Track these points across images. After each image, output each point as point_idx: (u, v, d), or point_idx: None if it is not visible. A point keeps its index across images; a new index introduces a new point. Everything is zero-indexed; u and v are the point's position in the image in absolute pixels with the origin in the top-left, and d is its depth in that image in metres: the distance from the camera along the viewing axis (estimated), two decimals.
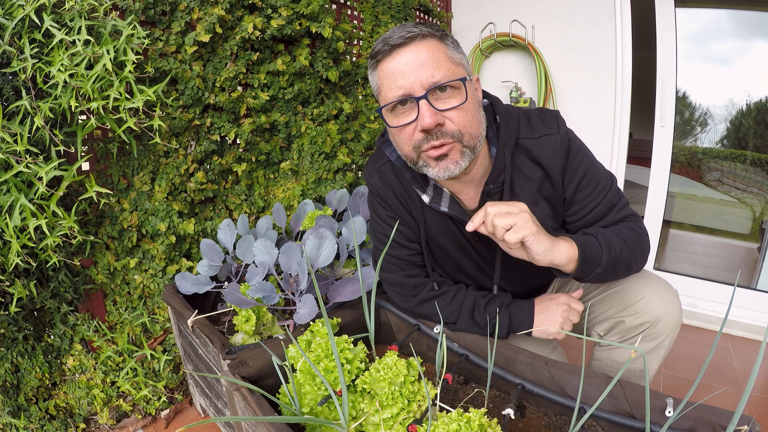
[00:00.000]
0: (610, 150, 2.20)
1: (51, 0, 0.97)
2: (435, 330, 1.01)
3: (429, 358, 1.03)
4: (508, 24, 2.33)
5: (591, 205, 0.94)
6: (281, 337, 0.98)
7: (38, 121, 0.99)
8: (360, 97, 1.89)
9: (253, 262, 1.18)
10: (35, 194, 1.02)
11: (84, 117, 1.15)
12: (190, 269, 1.42)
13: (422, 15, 2.27)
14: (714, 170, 2.52)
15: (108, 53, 1.02)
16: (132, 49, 1.07)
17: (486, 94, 0.97)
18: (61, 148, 1.06)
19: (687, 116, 2.38)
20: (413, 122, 0.84)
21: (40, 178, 1.01)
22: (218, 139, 1.48)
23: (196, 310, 1.12)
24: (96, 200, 1.15)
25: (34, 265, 1.08)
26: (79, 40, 1.00)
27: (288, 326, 1.13)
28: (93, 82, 1.02)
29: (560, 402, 0.81)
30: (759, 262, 2.11)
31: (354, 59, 1.85)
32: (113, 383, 1.31)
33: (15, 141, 0.97)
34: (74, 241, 1.09)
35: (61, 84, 0.99)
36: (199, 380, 1.23)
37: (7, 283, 1.07)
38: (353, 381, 0.80)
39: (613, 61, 2.12)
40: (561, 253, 0.84)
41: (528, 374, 0.86)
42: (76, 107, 1.03)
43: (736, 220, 2.57)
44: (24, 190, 1.01)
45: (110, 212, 1.29)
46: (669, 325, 0.93)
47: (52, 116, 1.05)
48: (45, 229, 1.02)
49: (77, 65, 1.00)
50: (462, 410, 0.68)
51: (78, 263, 1.18)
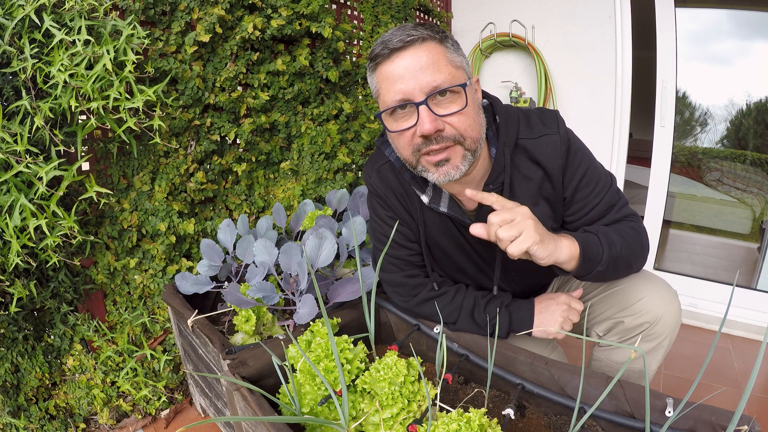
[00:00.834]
0: (610, 150, 2.20)
1: (51, 0, 0.97)
2: (435, 330, 1.01)
3: (429, 358, 1.03)
4: (508, 24, 2.33)
5: (591, 205, 0.94)
6: (281, 337, 0.98)
7: (38, 121, 0.99)
8: (360, 97, 1.89)
9: (253, 262, 1.18)
10: (35, 194, 1.02)
11: (84, 117, 1.15)
12: (190, 269, 1.42)
13: (422, 15, 2.27)
14: (714, 170, 2.52)
15: (108, 53, 1.02)
16: (132, 49, 1.07)
17: (485, 95, 0.97)
18: (61, 148, 1.06)
19: (687, 116, 2.38)
20: (413, 127, 0.83)
21: (40, 178, 1.01)
22: (218, 139, 1.48)
23: (196, 310, 1.12)
24: (96, 200, 1.15)
25: (34, 265, 1.08)
26: (79, 40, 1.00)
27: (288, 326, 1.13)
28: (93, 82, 1.02)
29: (560, 402, 0.81)
30: (759, 262, 2.11)
31: (354, 59, 1.84)
32: (113, 383, 1.31)
33: (15, 141, 0.97)
34: (74, 241, 1.09)
35: (61, 84, 0.99)
36: (199, 380, 1.23)
37: (7, 283, 1.07)
38: (353, 381, 0.80)
39: (613, 61, 2.12)
40: (563, 252, 0.84)
41: (528, 374, 0.86)
42: (76, 107, 1.03)
43: (736, 220, 2.57)
44: (24, 190, 1.01)
45: (110, 212, 1.29)
46: (668, 326, 0.93)
47: (52, 116, 1.05)
48: (45, 229, 1.02)
49: (77, 65, 1.00)
50: (462, 410, 0.68)
51: (78, 263, 1.18)
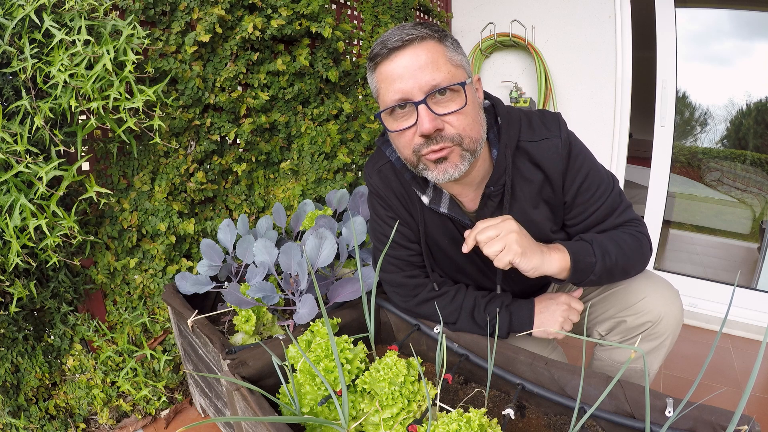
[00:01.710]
0: (610, 150, 2.20)
1: (51, 0, 0.98)
2: (435, 330, 1.01)
3: (429, 358, 1.03)
4: (508, 24, 2.33)
5: (591, 209, 0.94)
6: (281, 337, 0.98)
7: (38, 121, 0.99)
8: (360, 97, 1.89)
9: (253, 262, 1.18)
10: (35, 194, 1.02)
11: (84, 117, 1.15)
12: (190, 269, 1.42)
13: (422, 15, 2.27)
14: (714, 170, 2.52)
15: (108, 53, 1.02)
16: (132, 49, 1.07)
17: (487, 95, 0.96)
18: (61, 148, 1.06)
19: (687, 116, 2.38)
20: (412, 126, 0.83)
21: (40, 178, 1.01)
22: (218, 139, 1.48)
23: (196, 310, 1.12)
24: (96, 200, 1.15)
25: (34, 265, 1.08)
26: (79, 40, 1.00)
27: (288, 326, 1.13)
28: (93, 82, 1.02)
29: (560, 402, 0.81)
30: (759, 262, 2.11)
31: (354, 59, 1.84)
32: (113, 383, 1.31)
33: (15, 141, 0.97)
34: (74, 241, 1.09)
35: (61, 84, 0.99)
36: (199, 380, 1.23)
37: (7, 283, 1.07)
38: (353, 381, 0.80)
39: (613, 61, 2.12)
40: (552, 265, 0.85)
41: (528, 374, 0.86)
42: (76, 107, 1.03)
43: (736, 220, 2.57)
44: (24, 190, 1.01)
45: (110, 212, 1.29)
46: (670, 325, 0.93)
47: (52, 116, 1.05)
48: (45, 229, 1.02)
49: (77, 65, 1.00)
50: (462, 410, 0.68)
51: (78, 263, 1.18)
